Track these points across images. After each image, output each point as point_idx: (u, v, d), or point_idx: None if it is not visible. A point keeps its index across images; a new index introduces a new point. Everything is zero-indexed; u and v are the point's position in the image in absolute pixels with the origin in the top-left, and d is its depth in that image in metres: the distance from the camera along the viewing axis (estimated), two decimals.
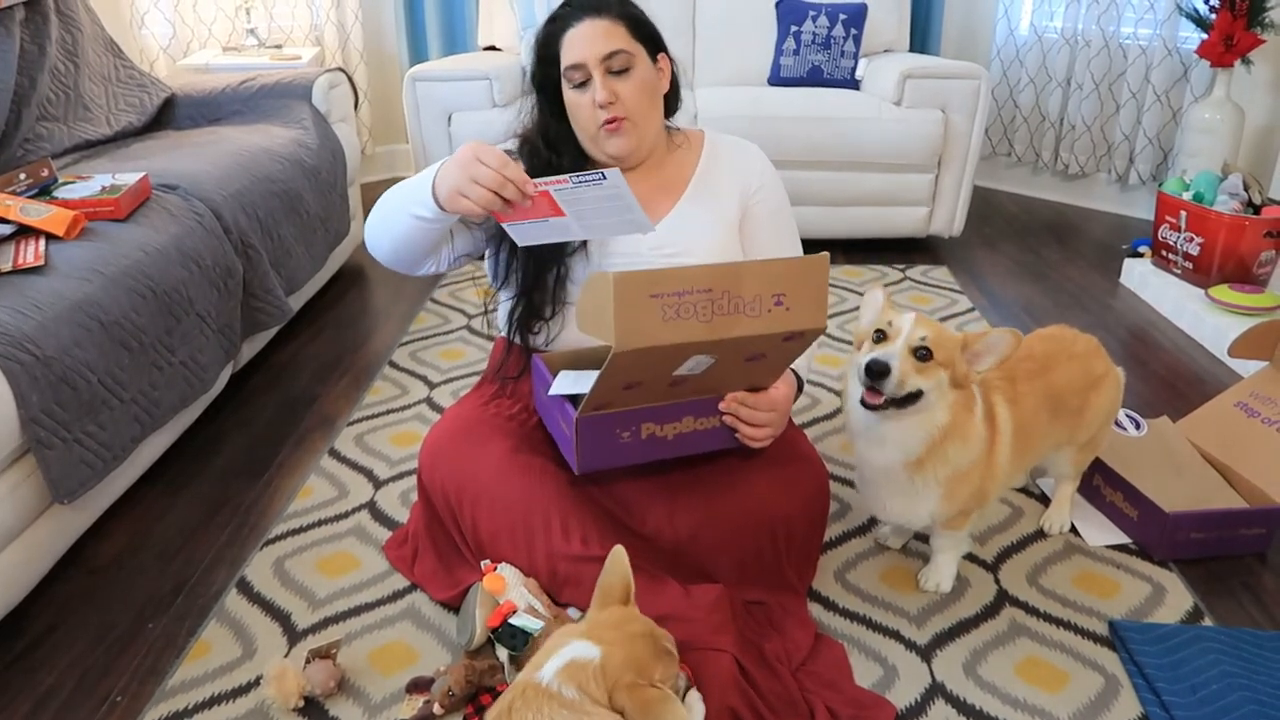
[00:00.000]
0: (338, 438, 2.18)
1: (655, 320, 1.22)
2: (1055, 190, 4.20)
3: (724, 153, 1.67)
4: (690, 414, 1.44)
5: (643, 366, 1.28)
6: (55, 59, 2.60)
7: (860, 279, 3.18)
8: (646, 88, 1.51)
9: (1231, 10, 3.26)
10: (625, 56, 1.47)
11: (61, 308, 1.66)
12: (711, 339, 1.26)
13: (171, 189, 2.21)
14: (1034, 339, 1.75)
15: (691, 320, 1.24)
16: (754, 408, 1.44)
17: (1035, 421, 1.61)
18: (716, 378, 1.38)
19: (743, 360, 1.36)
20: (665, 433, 1.43)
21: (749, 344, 1.31)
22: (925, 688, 1.45)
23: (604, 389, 1.31)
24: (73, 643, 1.56)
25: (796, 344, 1.36)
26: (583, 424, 1.37)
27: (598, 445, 1.40)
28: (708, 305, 1.24)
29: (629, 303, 1.20)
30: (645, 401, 1.38)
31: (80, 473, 1.64)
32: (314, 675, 1.40)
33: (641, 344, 1.22)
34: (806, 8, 3.51)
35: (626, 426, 1.40)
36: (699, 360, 1.31)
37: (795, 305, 1.29)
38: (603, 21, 1.47)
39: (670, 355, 1.27)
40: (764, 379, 1.46)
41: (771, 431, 1.48)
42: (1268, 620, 1.62)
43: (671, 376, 1.34)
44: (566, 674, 1.12)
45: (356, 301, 3.03)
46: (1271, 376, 2.00)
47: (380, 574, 1.71)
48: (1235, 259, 2.78)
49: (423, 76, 3.22)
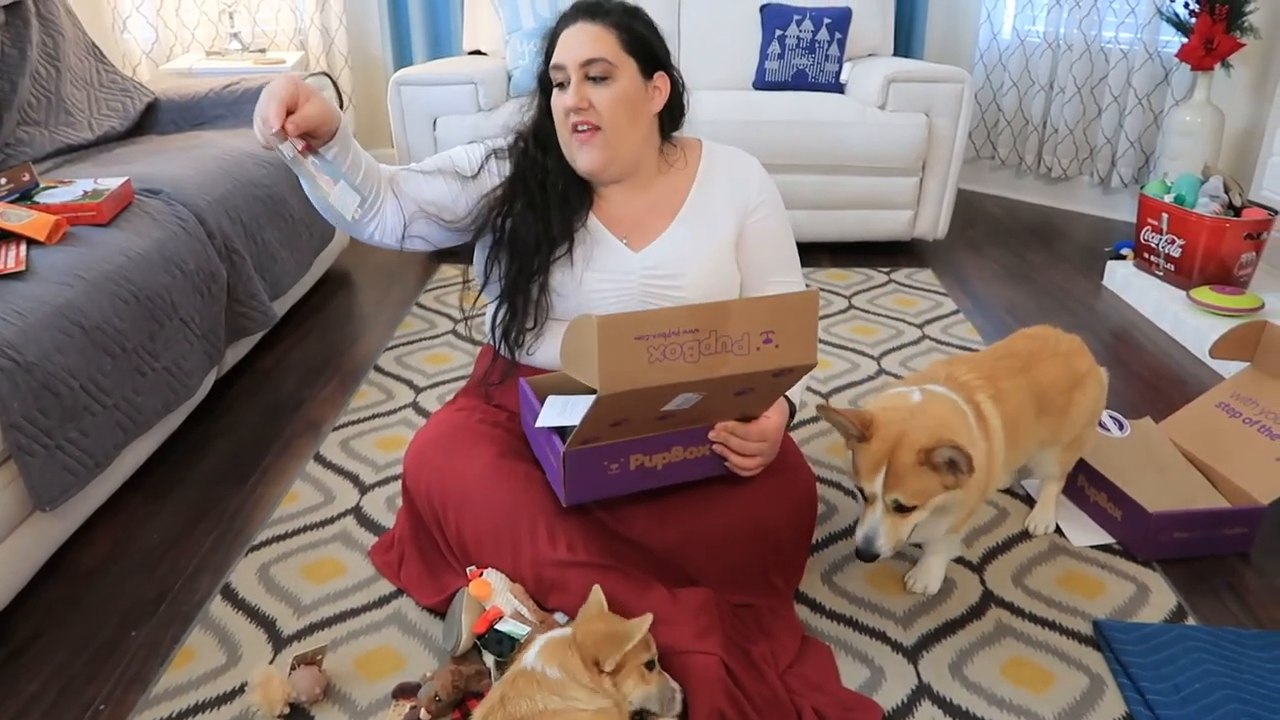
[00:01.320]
0: (323, 443, 2.17)
1: (641, 363, 1.21)
2: (1038, 193, 4.23)
3: (721, 167, 1.64)
4: (679, 444, 1.42)
5: (629, 406, 1.27)
6: (36, 63, 2.58)
7: (846, 282, 3.19)
8: (624, 101, 1.48)
9: (1211, 14, 3.29)
10: (606, 65, 1.46)
11: (42, 313, 1.64)
12: (699, 379, 1.25)
13: (154, 193, 2.20)
14: (1017, 338, 1.76)
15: (678, 361, 1.23)
16: (744, 438, 1.43)
17: (1022, 417, 1.62)
18: (705, 411, 1.37)
19: (732, 394, 1.34)
20: (654, 463, 1.42)
21: (738, 381, 1.30)
22: (912, 689, 1.46)
23: (591, 428, 1.30)
24: (56, 650, 1.55)
25: (786, 379, 1.34)
26: (570, 458, 1.36)
27: (586, 478, 1.39)
28: (694, 345, 1.23)
29: (614, 346, 1.18)
30: (633, 433, 1.37)
31: (62, 480, 1.62)
32: (299, 682, 1.39)
33: (627, 387, 1.21)
34: (791, 12, 3.52)
35: (615, 459, 1.39)
36: (687, 397, 1.30)
37: (784, 342, 1.28)
38: (593, 27, 1.47)
39: (657, 395, 1.26)
40: (755, 409, 1.45)
41: (762, 461, 1.47)
42: (1250, 619, 1.63)
43: (659, 411, 1.33)
44: (547, 653, 1.21)
45: (342, 306, 3.02)
46: (1252, 377, 2.01)
47: (366, 579, 1.70)
48: (1216, 261, 2.81)
49: (407, 81, 3.21)
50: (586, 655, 1.23)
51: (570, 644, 1.23)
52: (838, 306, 2.97)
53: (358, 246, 3.45)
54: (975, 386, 1.57)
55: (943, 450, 1.37)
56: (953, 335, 2.78)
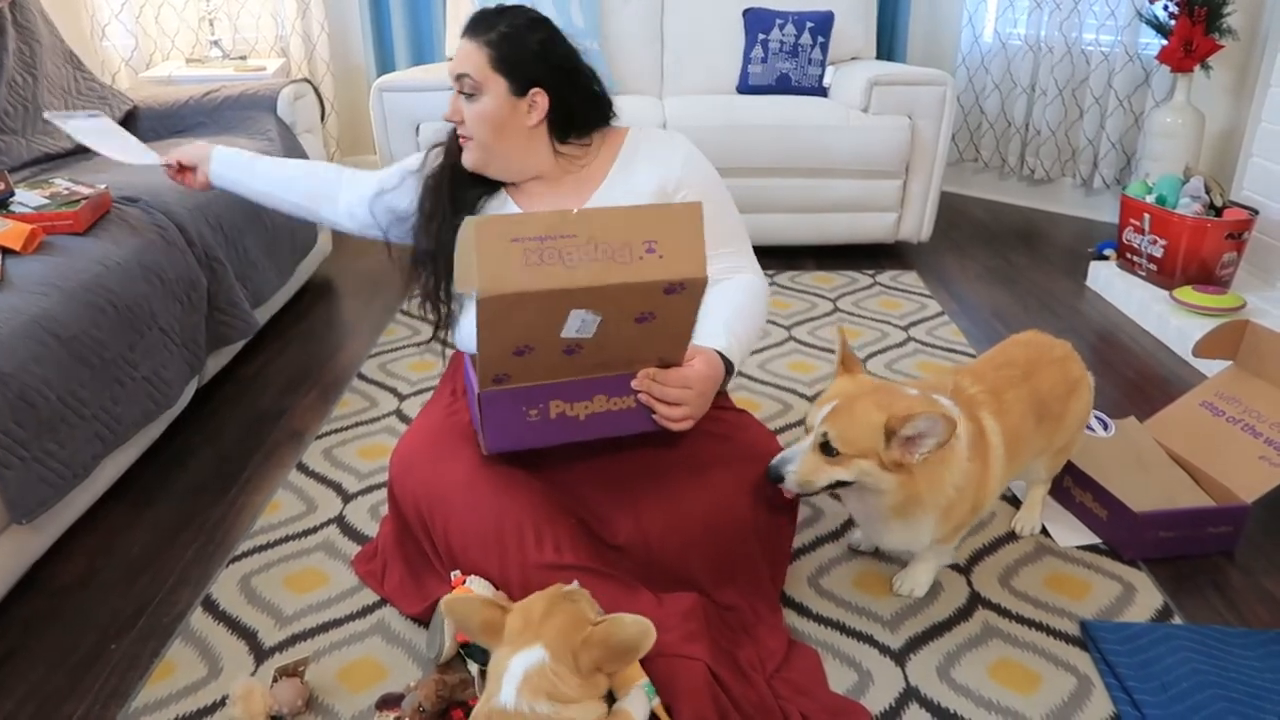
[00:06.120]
0: (306, 452, 2.15)
1: (518, 265, 1.19)
2: (1021, 195, 4.25)
3: (644, 152, 1.66)
4: (602, 392, 1.40)
5: (520, 322, 1.25)
6: (12, 71, 2.56)
7: (831, 285, 3.19)
8: (487, 118, 1.54)
9: (1190, 17, 3.32)
10: (471, 83, 1.53)
11: (17, 323, 1.62)
12: (579, 285, 1.23)
13: (133, 202, 2.17)
14: (1012, 345, 1.75)
15: (556, 265, 1.21)
16: (665, 383, 1.41)
17: (1023, 428, 1.60)
18: (614, 344, 1.34)
19: (632, 321, 1.31)
20: (576, 412, 1.40)
21: (627, 296, 1.27)
22: (900, 692, 1.45)
23: (489, 350, 1.27)
24: (32, 667, 1.52)
25: (681, 299, 1.31)
26: (485, 399, 1.34)
27: (505, 423, 1.37)
28: (572, 250, 1.22)
29: (490, 247, 1.18)
30: (546, 373, 1.35)
31: (39, 492, 1.60)
32: (281, 694, 1.38)
33: (506, 289, 1.19)
34: (774, 16, 3.53)
35: (534, 404, 1.37)
36: (584, 319, 1.27)
37: (669, 253, 1.26)
38: (469, 44, 1.53)
39: (544, 307, 1.24)
40: (671, 351, 1.41)
41: (688, 411, 1.44)
42: (1235, 617, 1.64)
43: (561, 340, 1.30)
44: (529, 689, 1.11)
45: (324, 314, 3.00)
46: (1235, 376, 2.02)
47: (349, 589, 1.68)
48: (1198, 261, 2.82)
49: (390, 87, 3.20)
50: (584, 664, 1.15)
51: (550, 669, 1.14)
52: (823, 309, 2.97)
53: (340, 254, 3.43)
54: (980, 402, 1.55)
55: (918, 421, 1.34)
56: (938, 337, 2.78)
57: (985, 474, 1.52)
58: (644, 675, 1.29)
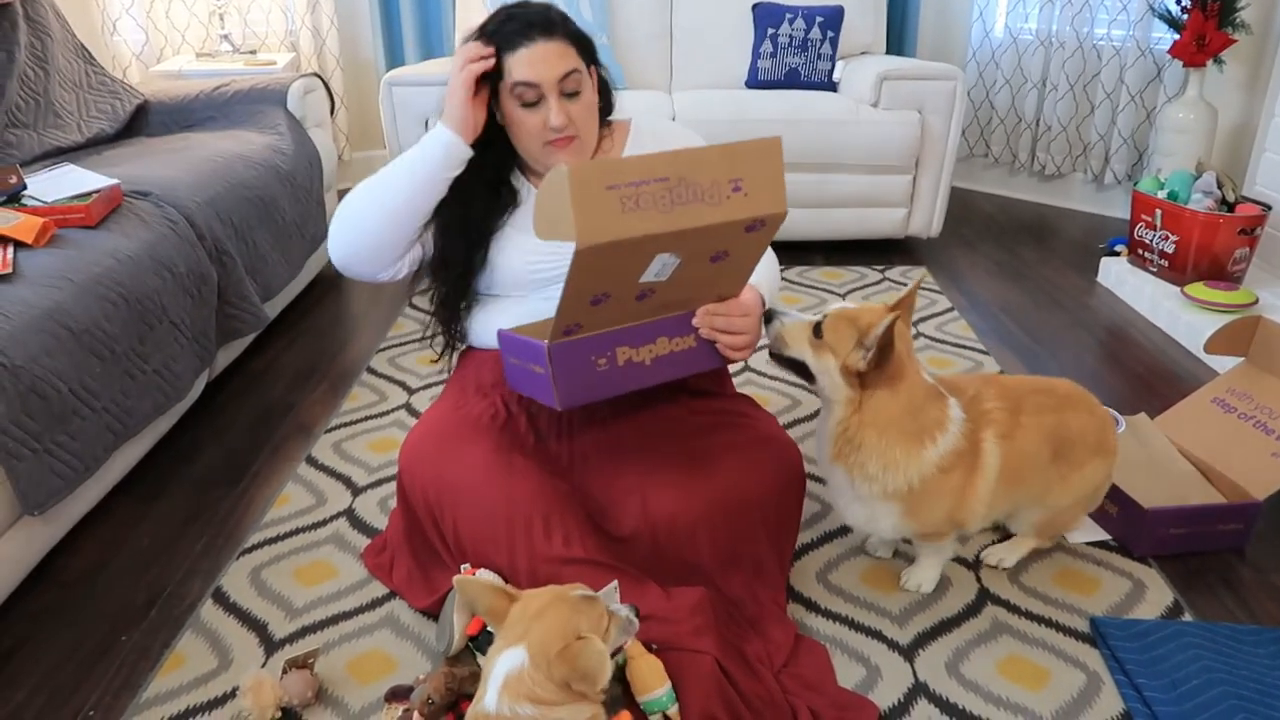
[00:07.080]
0: (315, 445, 2.15)
1: (615, 212, 1.17)
2: (1032, 190, 4.23)
3: (648, 141, 1.66)
4: (665, 334, 1.40)
5: (608, 270, 1.23)
6: (24, 65, 2.57)
7: (840, 280, 3.18)
8: (592, 107, 1.55)
9: (1203, 11, 3.30)
10: (577, 78, 1.49)
11: (30, 316, 1.63)
12: (673, 229, 1.22)
13: (144, 195, 2.18)
14: (1060, 382, 1.68)
15: (651, 210, 1.19)
16: (728, 314, 1.43)
17: (1035, 456, 1.55)
18: (683, 285, 1.34)
19: (708, 260, 1.31)
20: (642, 357, 1.40)
21: (712, 236, 1.27)
22: (908, 688, 1.45)
23: (571, 301, 1.25)
24: (44, 657, 1.53)
25: (758, 235, 1.32)
26: (556, 351, 1.32)
27: (575, 375, 1.35)
28: (666, 194, 1.20)
29: (587, 196, 1.15)
30: (616, 320, 1.34)
31: (51, 484, 1.61)
32: (291, 686, 1.38)
33: (604, 238, 1.17)
34: (783, 10, 3.52)
35: (602, 352, 1.36)
36: (665, 262, 1.27)
37: (753, 190, 1.26)
38: (555, 44, 1.47)
39: (635, 253, 1.22)
40: (731, 286, 1.42)
41: (750, 339, 1.46)
42: (1246, 615, 1.63)
43: (639, 286, 1.29)
44: (509, 693, 1.10)
45: (333, 308, 3.00)
46: (1247, 372, 2.01)
47: (358, 582, 1.69)
48: (1210, 256, 2.80)
49: (399, 81, 3.20)
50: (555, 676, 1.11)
51: (528, 675, 1.11)
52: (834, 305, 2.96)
53: None
54: (989, 421, 1.52)
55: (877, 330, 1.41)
56: (947, 333, 2.77)
57: (968, 489, 1.50)
58: (665, 682, 1.28)
